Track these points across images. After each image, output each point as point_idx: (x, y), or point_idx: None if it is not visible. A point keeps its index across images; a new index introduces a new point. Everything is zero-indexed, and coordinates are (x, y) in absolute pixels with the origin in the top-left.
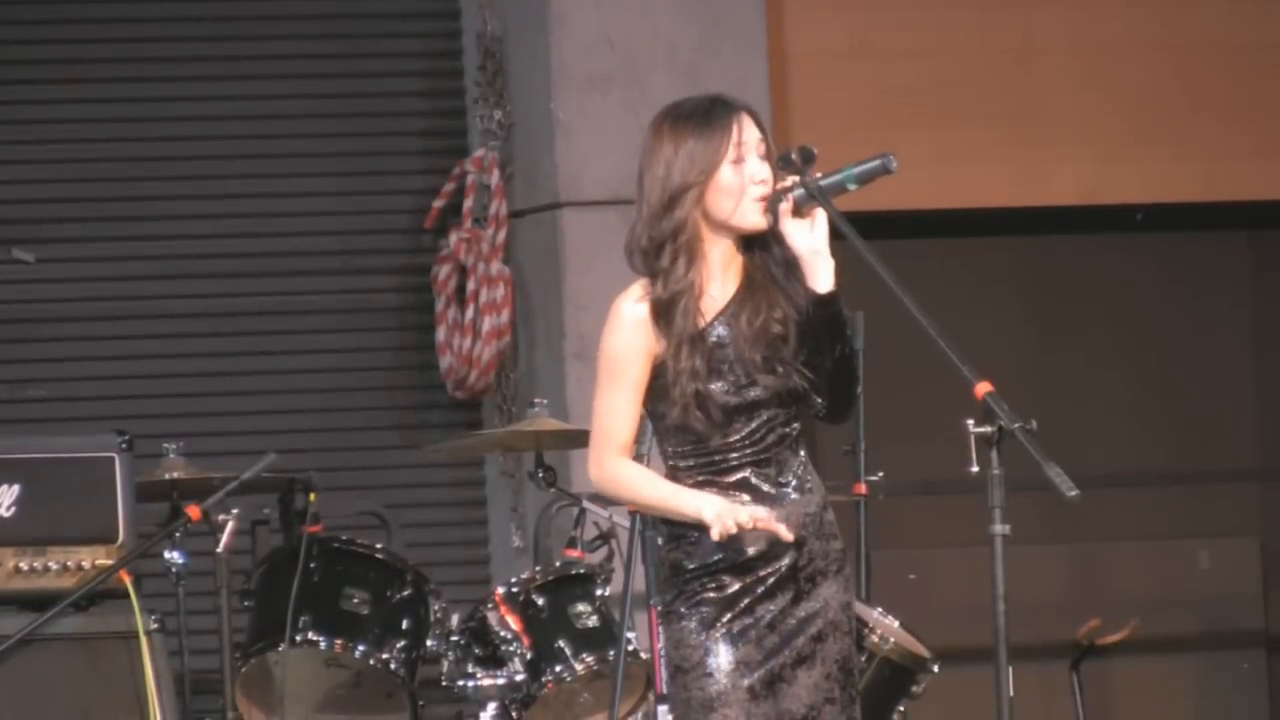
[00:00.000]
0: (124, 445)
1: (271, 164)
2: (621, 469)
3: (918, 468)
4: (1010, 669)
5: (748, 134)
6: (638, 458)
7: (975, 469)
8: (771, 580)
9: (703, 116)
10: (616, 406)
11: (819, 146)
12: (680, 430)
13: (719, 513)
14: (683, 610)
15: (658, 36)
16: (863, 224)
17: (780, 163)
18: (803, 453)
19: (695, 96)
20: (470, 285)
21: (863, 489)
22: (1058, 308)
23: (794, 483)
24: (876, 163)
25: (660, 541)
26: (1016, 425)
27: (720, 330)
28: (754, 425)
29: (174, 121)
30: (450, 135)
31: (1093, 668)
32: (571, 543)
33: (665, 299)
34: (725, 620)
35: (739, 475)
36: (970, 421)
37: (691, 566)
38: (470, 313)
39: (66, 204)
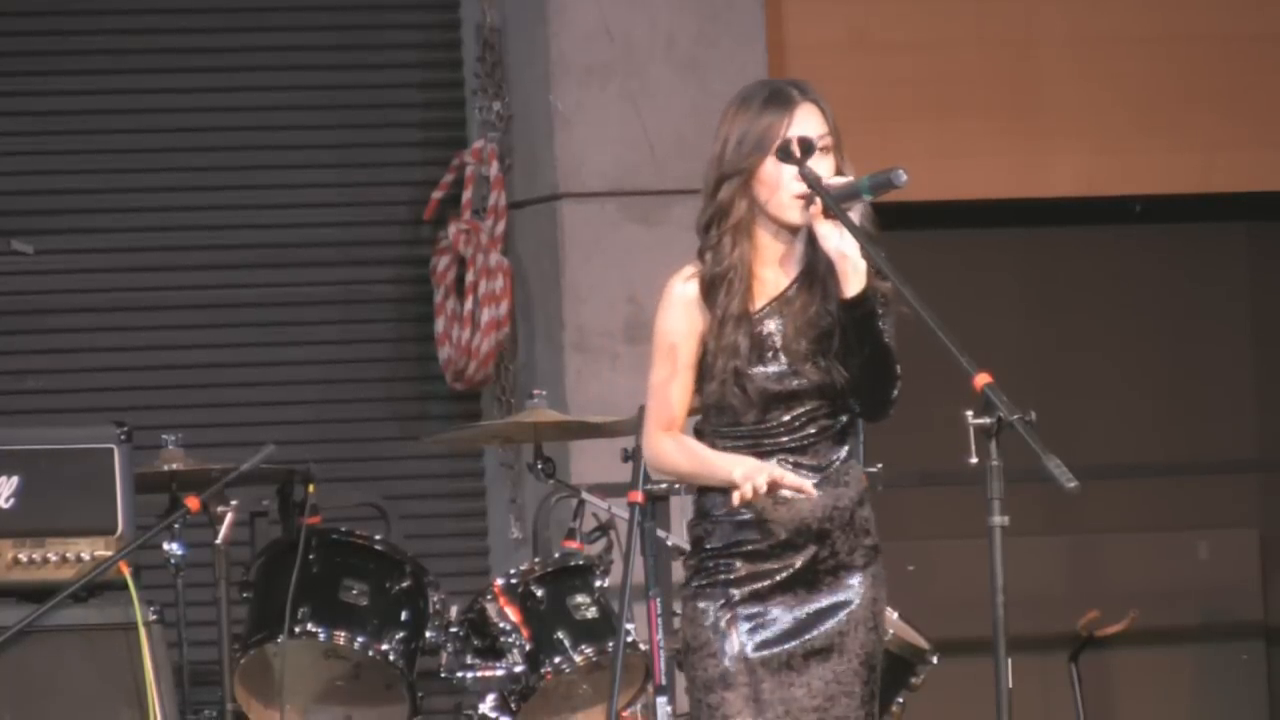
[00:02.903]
0: (123, 436)
1: (270, 155)
2: (664, 442)
3: (916, 459)
4: (1009, 660)
5: (801, 127)
6: (637, 451)
7: (974, 460)
8: (791, 569)
9: (762, 103)
10: (664, 384)
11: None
12: (718, 409)
13: (745, 473)
14: (699, 588)
15: (657, 28)
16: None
17: (780, 154)
18: (847, 447)
19: (772, 81)
20: (469, 277)
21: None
22: (1056, 299)
23: (830, 474)
24: (884, 176)
25: (688, 518)
26: (1015, 416)
27: (770, 318)
28: (793, 415)
29: (172, 113)
30: (449, 127)
31: (1092, 659)
32: (570, 534)
33: (710, 277)
34: (739, 603)
35: (772, 460)
36: (969, 413)
37: (712, 546)
38: (469, 304)
39: (65, 195)
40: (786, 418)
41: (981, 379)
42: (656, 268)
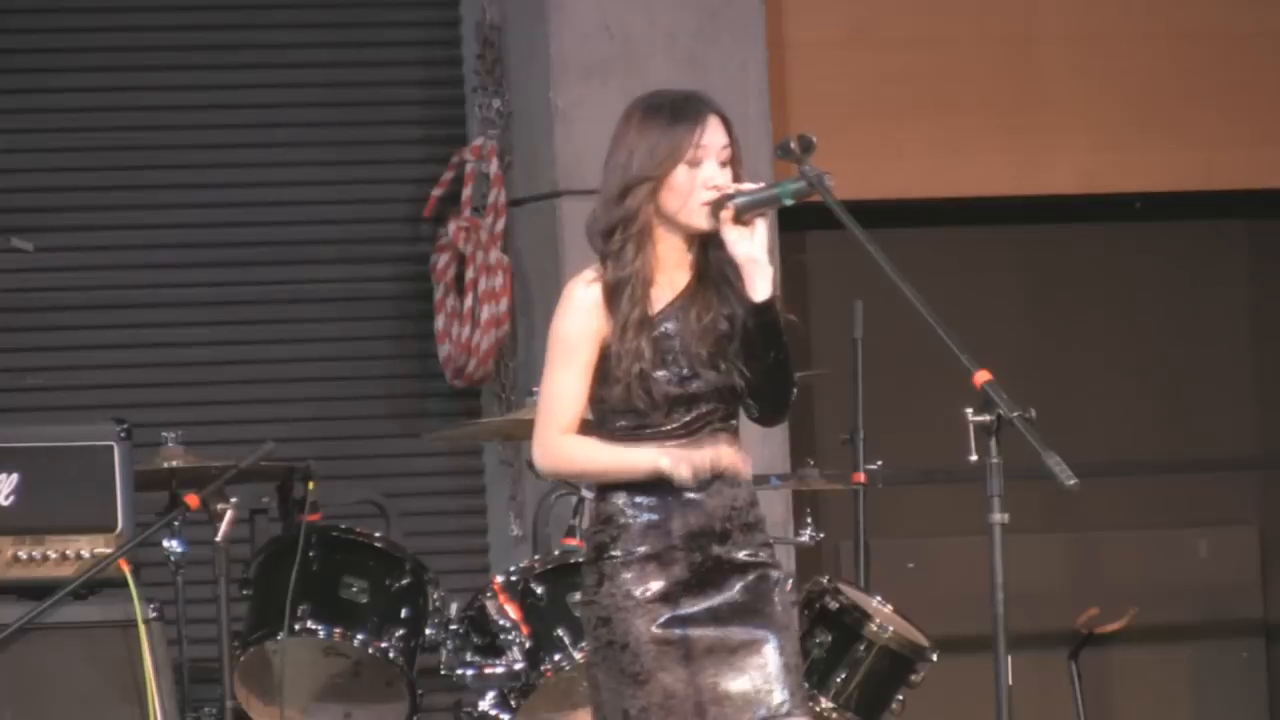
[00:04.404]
0: (123, 434)
1: (270, 153)
2: (568, 443)
3: (916, 456)
4: (1009, 658)
5: (710, 137)
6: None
7: (974, 457)
8: (695, 570)
9: (671, 113)
10: (565, 387)
11: (818, 135)
12: (622, 411)
13: (676, 459)
14: (604, 594)
15: (656, 25)
16: (861, 213)
17: (779, 152)
18: (738, 446)
19: (672, 90)
20: (469, 274)
21: (861, 477)
22: (1056, 296)
23: (726, 475)
24: (805, 183)
25: (586, 524)
26: (1015, 414)
27: (668, 322)
28: (691, 416)
29: (172, 110)
30: (449, 124)
31: (1091, 656)
32: (570, 531)
33: (613, 282)
34: (648, 606)
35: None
36: (969, 410)
37: (616, 553)
38: (469, 301)
39: (65, 193)
40: (686, 419)
41: (981, 376)
42: None
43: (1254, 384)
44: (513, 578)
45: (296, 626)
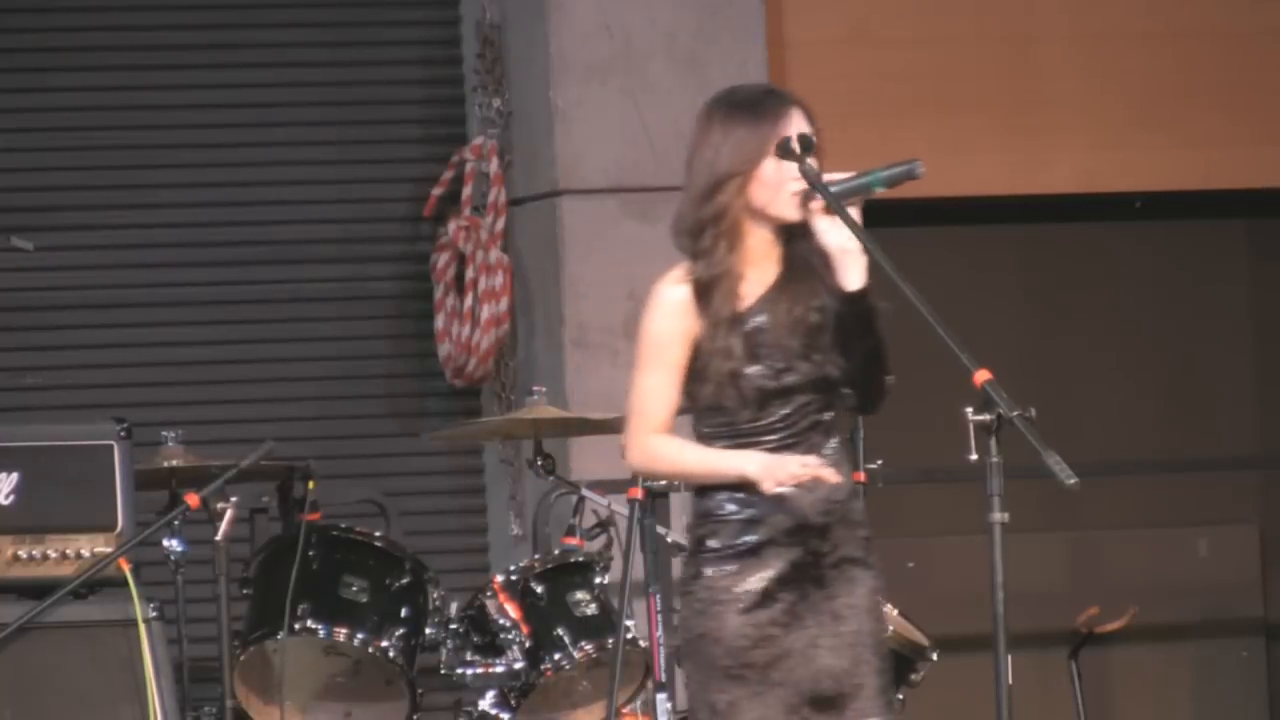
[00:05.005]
0: (123, 433)
1: (270, 152)
2: (659, 444)
3: (916, 455)
4: (1009, 657)
5: (795, 128)
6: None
7: (974, 457)
8: (794, 564)
9: (754, 107)
10: (655, 387)
11: (818, 134)
12: (713, 410)
13: (765, 466)
14: (700, 587)
15: (656, 24)
16: (861, 212)
17: (779, 151)
18: (835, 440)
19: (750, 85)
20: (469, 273)
21: (861, 476)
22: (1056, 295)
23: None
24: (903, 167)
25: (688, 519)
26: (1015, 413)
27: (759, 316)
28: (789, 410)
29: (172, 109)
30: (449, 123)
31: (1091, 656)
32: (570, 531)
33: (705, 280)
34: (743, 600)
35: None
36: (969, 409)
37: (715, 545)
38: (469, 300)
39: (65, 192)
40: (783, 413)
41: (981, 375)
42: (656, 264)
43: (1254, 383)
44: (513, 577)
45: (296, 626)
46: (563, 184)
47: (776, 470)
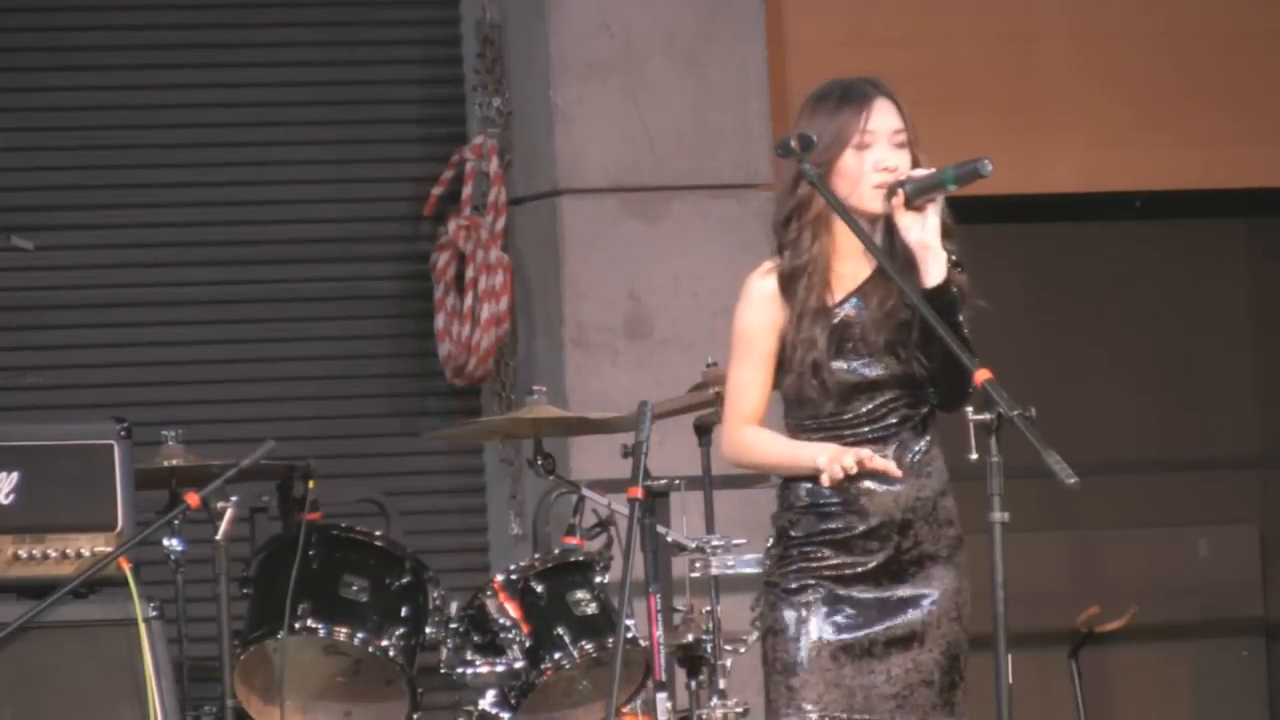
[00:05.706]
0: (123, 433)
1: (270, 151)
2: (746, 435)
3: None
4: (1009, 656)
5: (878, 121)
6: (637, 446)
7: (974, 456)
8: (875, 559)
9: (838, 98)
10: (745, 379)
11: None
12: (797, 401)
13: (830, 457)
14: (781, 577)
15: (656, 24)
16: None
17: (779, 151)
18: (928, 437)
19: (845, 78)
20: (469, 272)
21: None
22: (1056, 295)
23: (912, 465)
24: (970, 165)
25: (775, 509)
26: (1015, 412)
27: (849, 309)
28: (874, 405)
29: (172, 109)
30: (449, 122)
31: (1091, 655)
32: (570, 530)
33: (789, 271)
34: (821, 591)
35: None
36: (969, 409)
37: (796, 535)
38: (469, 300)
39: (65, 191)
40: (867, 408)
41: (982, 375)
42: (656, 263)
43: (1254, 383)
44: (513, 576)
45: (296, 625)
46: (563, 183)
47: (836, 463)
